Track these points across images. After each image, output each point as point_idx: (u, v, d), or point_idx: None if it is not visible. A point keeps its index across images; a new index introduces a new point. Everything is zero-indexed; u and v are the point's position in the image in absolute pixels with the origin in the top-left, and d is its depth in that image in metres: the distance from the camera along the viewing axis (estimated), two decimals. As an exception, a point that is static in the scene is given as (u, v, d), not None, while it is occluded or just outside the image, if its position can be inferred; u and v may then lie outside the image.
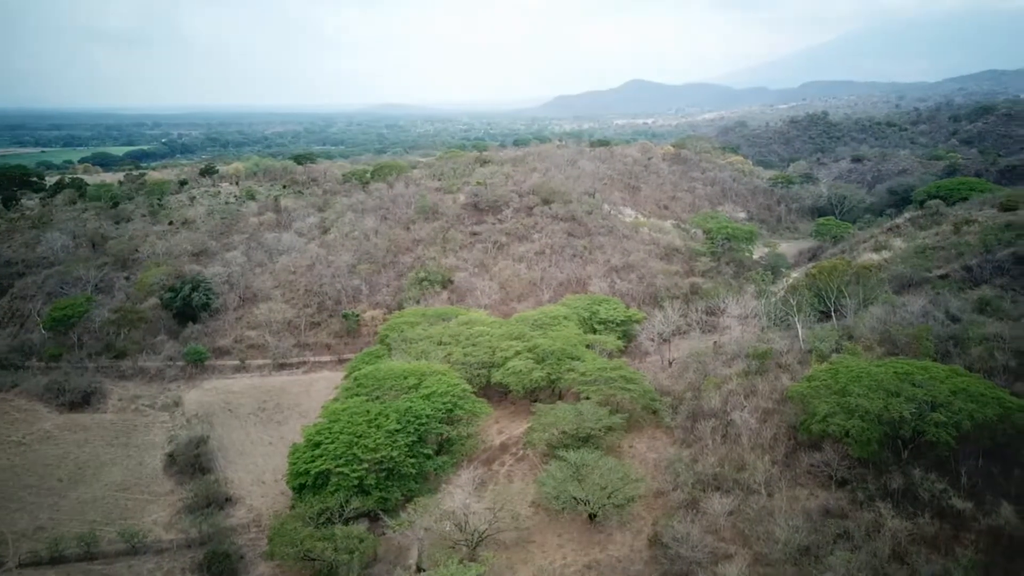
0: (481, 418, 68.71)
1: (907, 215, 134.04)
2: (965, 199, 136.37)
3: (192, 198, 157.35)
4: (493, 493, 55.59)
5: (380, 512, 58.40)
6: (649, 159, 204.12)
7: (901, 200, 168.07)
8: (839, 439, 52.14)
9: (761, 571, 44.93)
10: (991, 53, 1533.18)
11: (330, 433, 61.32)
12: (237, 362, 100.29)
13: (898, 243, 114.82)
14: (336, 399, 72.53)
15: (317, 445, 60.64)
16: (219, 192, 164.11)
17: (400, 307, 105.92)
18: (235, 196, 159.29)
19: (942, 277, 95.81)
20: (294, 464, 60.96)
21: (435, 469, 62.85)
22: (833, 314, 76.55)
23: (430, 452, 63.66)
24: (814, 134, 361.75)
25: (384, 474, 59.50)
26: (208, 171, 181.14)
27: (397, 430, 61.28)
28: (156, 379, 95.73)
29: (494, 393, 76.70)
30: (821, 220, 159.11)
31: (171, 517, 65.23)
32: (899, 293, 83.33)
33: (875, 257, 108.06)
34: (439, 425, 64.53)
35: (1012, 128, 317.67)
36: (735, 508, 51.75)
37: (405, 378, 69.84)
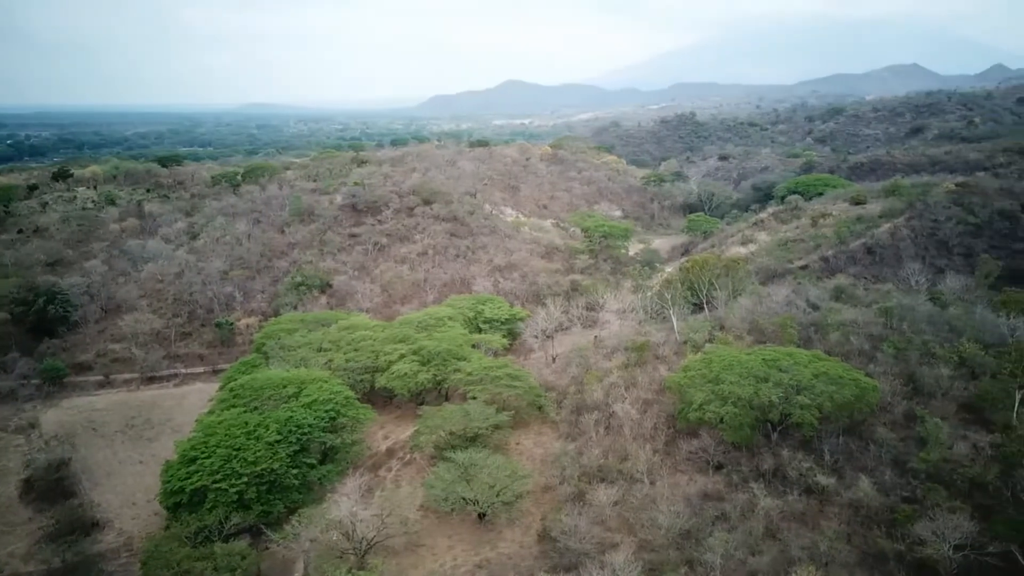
0: (366, 424, 67.28)
1: (770, 210, 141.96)
2: (821, 194, 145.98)
3: (44, 204, 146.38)
4: (381, 499, 54.53)
5: (263, 526, 56.15)
6: (528, 159, 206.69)
7: (764, 196, 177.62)
8: (714, 425, 54.44)
9: (646, 557, 46.16)
10: (840, 58, 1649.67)
11: (206, 447, 58.38)
12: (101, 377, 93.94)
13: (762, 237, 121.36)
14: (211, 411, 69.09)
15: (192, 461, 57.60)
16: (75, 197, 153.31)
17: (276, 313, 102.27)
18: (93, 201, 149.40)
19: (802, 268, 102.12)
20: (167, 482, 57.65)
21: (320, 479, 61.04)
22: (705, 306, 79.74)
23: (314, 461, 61.73)
24: (683, 134, 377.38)
25: (265, 487, 57.26)
26: (62, 175, 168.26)
27: (278, 441, 59.11)
28: (8, 400, 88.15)
29: (379, 398, 75.38)
30: (692, 216, 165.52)
31: (30, 547, 60.36)
32: (765, 284, 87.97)
33: (742, 250, 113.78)
34: (322, 433, 62.68)
35: (859, 128, 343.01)
36: (620, 498, 53.02)
37: (284, 387, 67.45)
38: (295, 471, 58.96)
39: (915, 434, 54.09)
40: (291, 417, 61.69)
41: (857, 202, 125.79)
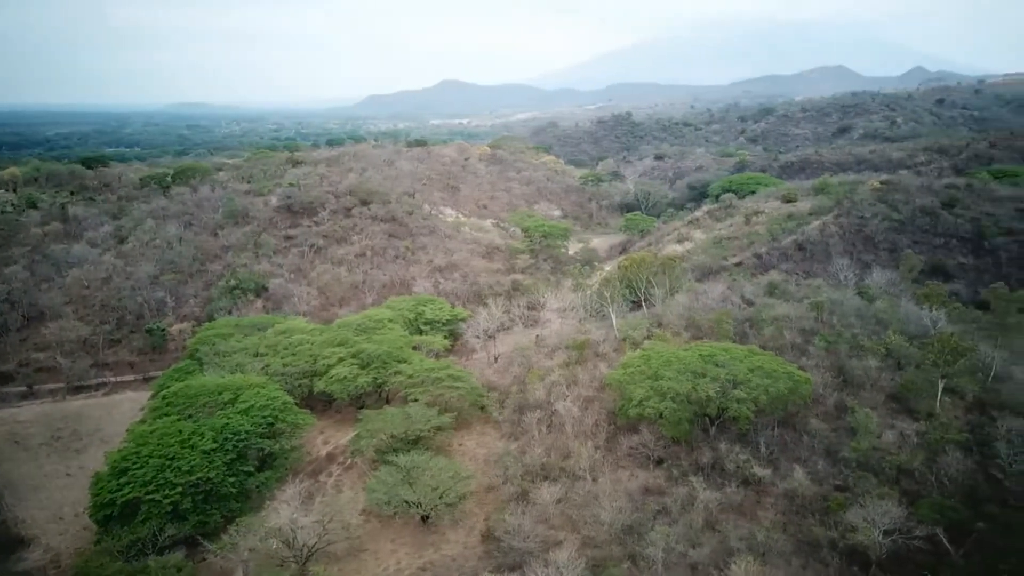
0: (305, 429, 66.04)
1: (704, 209, 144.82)
2: (753, 192, 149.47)
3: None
4: (321, 505, 53.67)
5: (199, 537, 54.55)
6: (467, 159, 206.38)
7: (699, 195, 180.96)
8: (654, 421, 55.28)
9: (589, 553, 46.53)
10: (771, 59, 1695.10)
11: (138, 458, 56.41)
12: (24, 388, 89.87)
13: (698, 235, 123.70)
14: (143, 421, 66.84)
15: (123, 472, 55.57)
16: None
17: (210, 318, 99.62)
18: (13, 204, 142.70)
19: (737, 265, 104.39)
20: (97, 495, 55.47)
21: (258, 486, 59.64)
22: (644, 303, 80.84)
23: (251, 469, 60.27)
24: (620, 134, 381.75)
25: (201, 497, 55.66)
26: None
27: (214, 449, 57.53)
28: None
29: (318, 402, 74.11)
30: (629, 215, 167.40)
31: (-53, 570, 57.43)
32: (701, 281, 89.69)
33: (679, 248, 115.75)
34: (260, 440, 61.27)
35: (789, 127, 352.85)
36: (563, 495, 53.40)
37: (220, 393, 65.69)
38: (232, 479, 57.50)
39: (846, 424, 55.95)
40: (227, 424, 60.17)
41: (788, 200, 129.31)
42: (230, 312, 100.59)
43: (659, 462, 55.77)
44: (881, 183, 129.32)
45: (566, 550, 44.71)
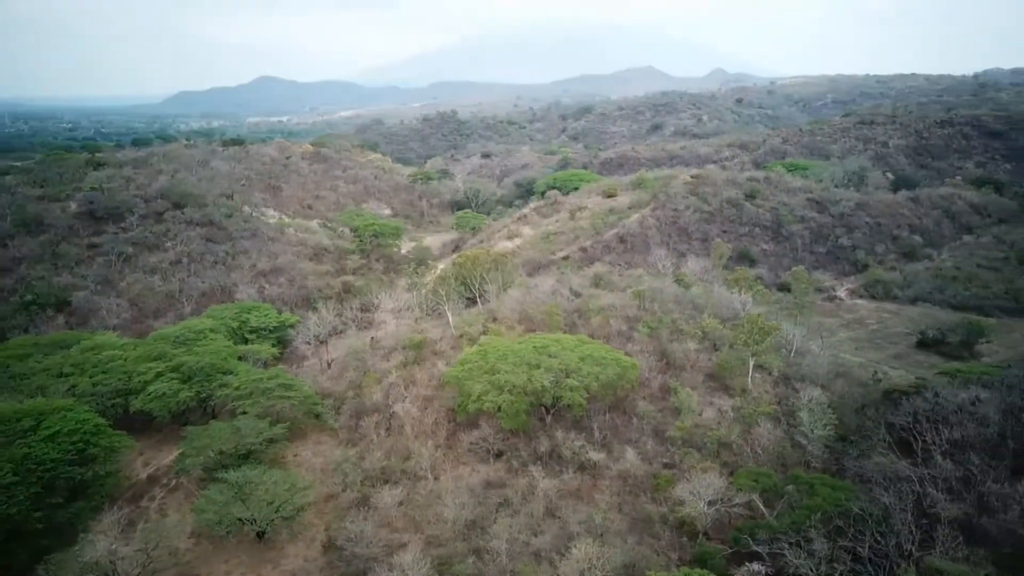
0: (122, 452, 60.90)
1: (532, 205, 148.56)
2: (577, 189, 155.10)
3: None
4: (144, 532, 49.77)
5: (0, 583, 49.11)
6: (288, 158, 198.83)
7: (526, 192, 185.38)
8: (493, 414, 55.95)
9: (434, 553, 46.37)
10: (587, 59, 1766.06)
11: (-82, 502, 49.83)
12: None
13: (527, 231, 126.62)
14: (-77, 459, 59.07)
15: (-100, 520, 48.90)
16: None
17: (3, 338, 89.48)
18: None
19: (564, 258, 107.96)
20: None
21: (70, 519, 54.32)
22: (479, 299, 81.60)
23: (61, 501, 54.86)
24: (446, 132, 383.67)
25: (2, 537, 50.02)
26: None
27: (15, 483, 51.72)
28: None
29: (136, 422, 68.54)
30: (460, 213, 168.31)
31: None
32: (532, 275, 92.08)
33: (509, 245, 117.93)
34: (69, 468, 55.79)
35: (607, 125, 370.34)
36: (405, 497, 52.90)
37: (18, 420, 59.07)
38: (38, 514, 52.02)
39: (671, 405, 59.51)
40: (28, 454, 54.31)
41: (609, 195, 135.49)
42: (26, 330, 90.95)
43: (499, 455, 56.55)
44: (692, 177, 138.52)
45: (410, 552, 44.32)
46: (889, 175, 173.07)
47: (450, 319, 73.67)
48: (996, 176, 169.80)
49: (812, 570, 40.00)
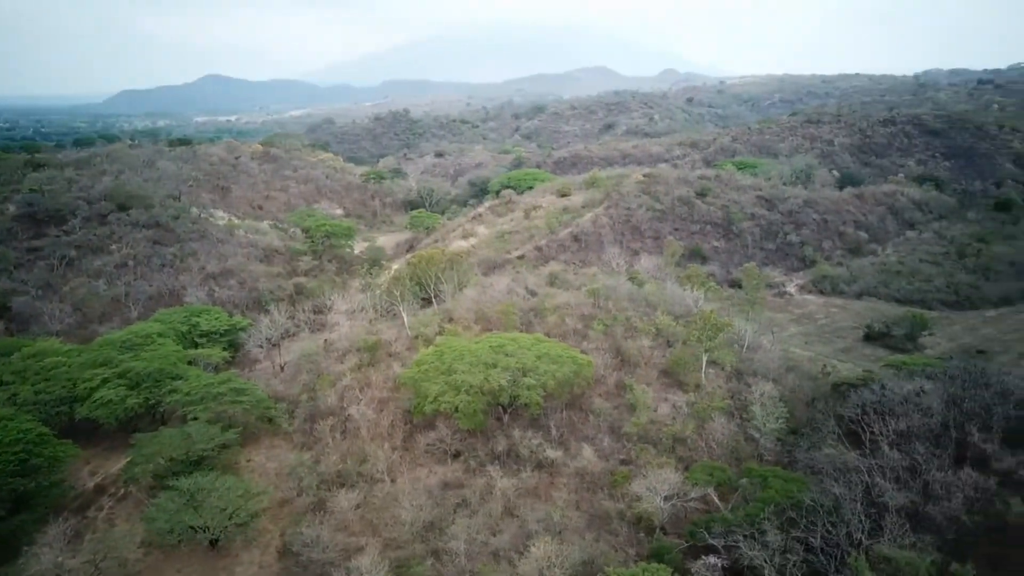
0: (67, 462, 59.13)
1: (486, 205, 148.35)
2: (531, 188, 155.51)
3: None
4: (92, 543, 48.43)
5: (-63, 601, 47.26)
6: (237, 158, 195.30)
7: (480, 191, 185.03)
8: (450, 415, 55.71)
9: (392, 555, 46.09)
10: (540, 59, 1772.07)
11: None
12: None
13: (482, 230, 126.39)
14: None
15: None
16: None
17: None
18: None
19: (520, 257, 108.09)
20: None
21: (12, 532, 52.59)
22: (434, 299, 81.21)
23: (3, 513, 53.11)
24: (399, 131, 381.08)
25: (-61, 553, 48.22)
26: None
27: (-48, 496, 50.02)
28: None
29: (82, 430, 66.56)
30: (414, 213, 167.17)
31: None
32: (487, 275, 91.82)
33: (464, 244, 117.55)
34: (11, 480, 54.02)
35: (560, 124, 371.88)
36: (361, 500, 52.43)
37: (-45, 432, 57.13)
38: (-23, 529, 50.31)
39: (626, 401, 59.90)
40: (-34, 467, 52.47)
41: (563, 194, 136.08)
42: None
43: (457, 455, 56.36)
44: (644, 176, 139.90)
45: (368, 555, 43.92)
46: (835, 173, 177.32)
47: (405, 320, 73.16)
48: (936, 173, 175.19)
49: (766, 561, 40.71)
